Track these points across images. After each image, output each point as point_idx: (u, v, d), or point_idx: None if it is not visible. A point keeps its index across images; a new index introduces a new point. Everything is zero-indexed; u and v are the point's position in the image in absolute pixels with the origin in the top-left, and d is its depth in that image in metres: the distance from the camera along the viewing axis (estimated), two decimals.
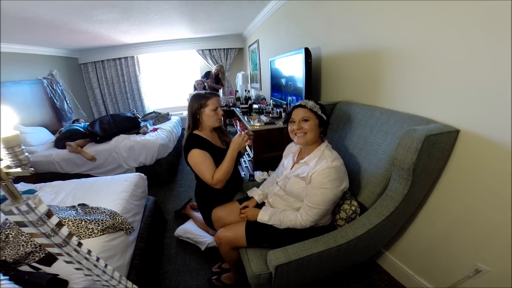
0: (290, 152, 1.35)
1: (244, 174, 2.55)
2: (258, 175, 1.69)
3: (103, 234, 1.35)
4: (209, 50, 5.15)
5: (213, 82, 4.57)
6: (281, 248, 1.07)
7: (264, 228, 1.23)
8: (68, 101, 4.38)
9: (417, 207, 1.22)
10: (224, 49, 5.19)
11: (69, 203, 1.68)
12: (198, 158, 1.38)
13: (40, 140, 3.36)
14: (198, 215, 2.10)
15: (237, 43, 5.19)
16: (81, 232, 1.32)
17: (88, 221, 1.36)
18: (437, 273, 1.21)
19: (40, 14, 2.29)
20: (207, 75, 4.75)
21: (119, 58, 5.13)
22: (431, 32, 1.04)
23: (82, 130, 3.34)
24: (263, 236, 1.23)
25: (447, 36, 0.98)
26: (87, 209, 1.53)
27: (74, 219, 1.37)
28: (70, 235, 0.81)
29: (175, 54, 5.43)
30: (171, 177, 3.23)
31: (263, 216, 1.24)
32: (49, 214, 0.74)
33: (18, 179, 2.30)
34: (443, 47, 1.00)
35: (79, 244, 0.87)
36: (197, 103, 1.45)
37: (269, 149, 2.02)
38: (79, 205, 1.60)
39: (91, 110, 5.49)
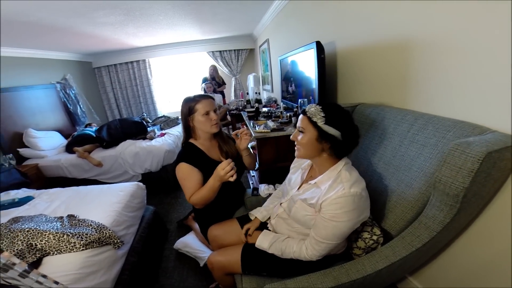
0: (299, 166, 1.12)
1: (252, 183, 2.34)
2: (263, 189, 1.47)
3: (87, 248, 1.25)
4: (220, 51, 5.02)
5: (216, 84, 4.48)
6: (279, 282, 0.87)
7: (263, 254, 1.05)
8: (81, 105, 4.40)
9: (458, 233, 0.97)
10: (234, 50, 5.04)
11: (61, 213, 1.59)
12: (183, 173, 1.23)
13: (51, 144, 3.36)
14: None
15: (248, 43, 5.02)
16: (61, 246, 1.22)
17: (71, 235, 1.26)
18: None
19: (41, 17, 2.24)
20: (206, 80, 4.66)
21: (131, 62, 5.13)
22: (480, 16, 0.78)
23: (93, 134, 3.30)
24: (261, 263, 1.04)
25: (503, 20, 0.72)
26: (74, 221, 1.43)
27: (56, 232, 1.27)
28: (14, 259, 0.68)
29: (186, 57, 5.35)
30: (178, 184, 3.07)
31: (263, 243, 1.05)
32: None
33: (20, 185, 2.25)
34: (499, 33, 0.74)
35: (26, 271, 0.72)
36: (186, 108, 1.29)
37: (276, 159, 1.79)
38: (67, 216, 1.50)
39: (106, 114, 5.54)
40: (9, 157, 2.63)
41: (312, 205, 0.91)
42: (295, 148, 0.97)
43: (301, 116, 0.94)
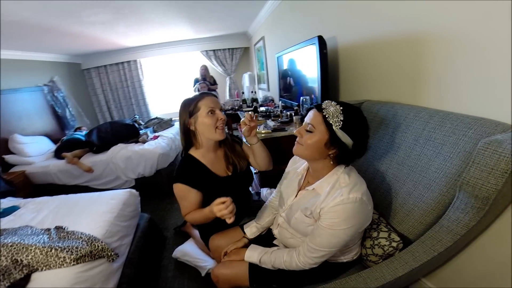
0: (294, 171, 1.04)
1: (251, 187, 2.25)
2: (265, 193, 1.40)
3: (78, 263, 1.16)
4: (214, 50, 4.93)
5: (208, 85, 4.37)
6: None
7: None
8: (70, 109, 4.25)
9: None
10: (229, 49, 4.96)
11: (48, 224, 1.48)
12: (179, 192, 1.13)
13: (39, 150, 3.23)
14: (199, 234, 1.85)
15: (242, 42, 4.95)
16: (50, 262, 1.13)
17: (59, 249, 1.17)
18: None
19: (26, 17, 2.12)
20: (197, 81, 4.54)
21: (122, 63, 5.00)
22: (499, 8, 0.72)
23: (82, 139, 3.18)
24: (271, 275, 0.96)
25: None
26: (62, 234, 1.33)
27: (43, 247, 1.18)
28: None
29: (179, 57, 5.24)
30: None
31: (251, 257, 0.98)
32: None
33: (5, 193, 2.12)
34: None
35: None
36: (186, 110, 1.11)
37: (278, 161, 1.71)
38: (55, 228, 1.40)
39: (97, 117, 5.38)
40: None
41: (311, 214, 0.84)
42: (296, 143, 0.88)
43: (313, 111, 0.83)
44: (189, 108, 1.11)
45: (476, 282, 0.94)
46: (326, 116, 0.78)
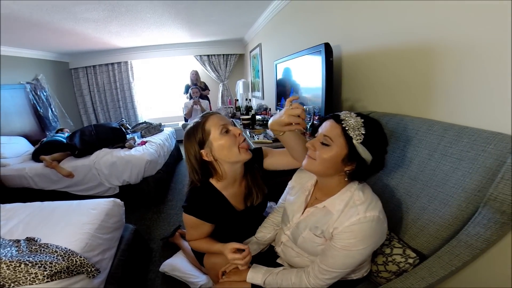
0: (300, 186, 0.96)
1: None
2: (267, 207, 1.32)
3: (52, 280, 1.05)
4: (208, 56, 4.88)
5: (200, 90, 4.30)
6: None
7: None
8: (53, 109, 4.04)
9: None
10: (223, 55, 4.93)
11: (18, 235, 1.34)
12: (190, 223, 1.02)
13: (16, 151, 3.04)
14: (189, 246, 1.73)
15: (238, 48, 4.93)
16: (19, 278, 1.02)
17: (30, 264, 1.05)
18: None
19: (15, 11, 2.00)
20: (188, 87, 4.46)
21: (112, 64, 4.84)
22: None
23: (63, 141, 2.99)
24: None
25: None
26: (34, 247, 1.20)
27: (10, 261, 1.05)
28: None
29: (171, 60, 5.14)
30: (161, 197, 2.84)
31: (254, 278, 0.89)
32: None
33: None
34: None
35: None
36: (192, 141, 0.94)
37: (280, 173, 1.64)
38: (25, 239, 1.26)
39: (81, 119, 5.16)
40: None
41: (322, 234, 0.78)
42: (307, 156, 0.81)
43: (330, 122, 0.77)
44: (196, 136, 0.93)
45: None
46: (346, 128, 0.72)
